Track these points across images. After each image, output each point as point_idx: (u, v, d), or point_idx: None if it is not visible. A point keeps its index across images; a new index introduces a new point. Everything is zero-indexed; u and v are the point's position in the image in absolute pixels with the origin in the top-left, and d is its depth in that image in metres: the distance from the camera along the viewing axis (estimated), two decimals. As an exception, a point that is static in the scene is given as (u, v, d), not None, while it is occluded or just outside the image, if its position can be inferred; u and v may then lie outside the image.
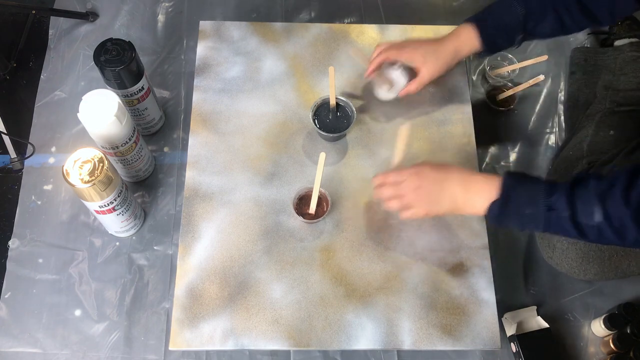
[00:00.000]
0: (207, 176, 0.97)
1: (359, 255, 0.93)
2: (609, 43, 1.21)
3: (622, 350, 0.96)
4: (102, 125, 0.89)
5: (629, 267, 0.96)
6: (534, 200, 0.75)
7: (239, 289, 0.90)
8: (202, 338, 0.87)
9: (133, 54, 0.94)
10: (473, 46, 0.93)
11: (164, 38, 1.25)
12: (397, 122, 1.03)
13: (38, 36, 1.25)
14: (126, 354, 0.97)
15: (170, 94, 1.18)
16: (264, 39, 1.10)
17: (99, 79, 1.02)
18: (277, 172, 0.98)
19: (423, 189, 0.83)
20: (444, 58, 0.94)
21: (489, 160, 1.15)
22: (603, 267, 0.95)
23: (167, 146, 1.13)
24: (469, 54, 0.94)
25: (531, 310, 1.00)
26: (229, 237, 0.93)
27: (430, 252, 0.93)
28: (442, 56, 0.94)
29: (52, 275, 1.02)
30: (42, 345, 0.97)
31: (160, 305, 1.00)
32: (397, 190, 0.84)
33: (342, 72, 1.06)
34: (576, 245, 0.95)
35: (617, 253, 0.95)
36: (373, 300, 0.90)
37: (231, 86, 1.05)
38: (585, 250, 0.94)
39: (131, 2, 1.28)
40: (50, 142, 1.13)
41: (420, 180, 0.83)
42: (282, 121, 1.02)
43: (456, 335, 0.88)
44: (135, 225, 1.03)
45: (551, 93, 1.21)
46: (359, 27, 1.12)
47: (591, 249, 0.94)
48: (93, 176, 0.84)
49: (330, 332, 0.88)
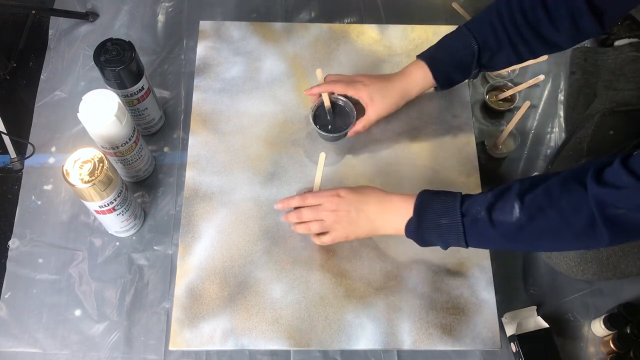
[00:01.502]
0: (207, 176, 0.97)
1: (359, 255, 0.93)
2: (609, 43, 1.21)
3: (622, 350, 0.96)
4: (102, 125, 0.89)
5: (627, 267, 0.96)
6: (449, 209, 0.75)
7: (239, 289, 0.90)
8: (202, 338, 0.87)
9: (133, 54, 0.94)
10: (425, 85, 0.92)
11: (164, 38, 1.25)
12: (397, 122, 1.03)
13: (38, 36, 1.25)
14: (126, 354, 0.97)
15: (170, 94, 1.18)
16: (264, 39, 1.10)
17: (99, 79, 1.02)
18: (277, 172, 0.98)
19: (341, 212, 0.83)
20: (392, 98, 0.92)
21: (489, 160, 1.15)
22: (601, 267, 0.95)
23: (167, 146, 1.13)
24: (421, 93, 0.94)
25: (531, 310, 1.00)
26: (229, 237, 0.93)
27: (430, 252, 0.93)
28: (390, 96, 0.92)
29: (52, 275, 1.02)
30: (42, 345, 0.97)
31: (160, 305, 1.00)
32: (316, 213, 0.84)
33: (341, 72, 1.06)
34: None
35: (615, 253, 0.95)
36: (373, 300, 0.90)
37: (231, 86, 1.05)
38: (583, 250, 0.94)
39: (131, 2, 1.28)
40: (50, 142, 1.13)
41: (338, 203, 0.83)
42: (282, 121, 1.02)
43: (456, 335, 0.88)
44: (135, 225, 1.03)
45: (551, 93, 1.21)
46: (359, 27, 1.12)
47: (589, 248, 0.94)
48: (93, 176, 0.84)
49: (330, 332, 0.88)
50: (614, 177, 0.64)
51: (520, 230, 0.70)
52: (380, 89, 0.92)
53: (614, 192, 0.63)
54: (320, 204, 0.84)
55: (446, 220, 0.75)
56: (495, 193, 0.73)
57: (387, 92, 0.92)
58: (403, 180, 0.98)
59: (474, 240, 0.76)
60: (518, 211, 0.69)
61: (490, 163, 1.13)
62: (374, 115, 0.93)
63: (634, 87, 1.10)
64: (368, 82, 0.94)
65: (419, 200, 0.79)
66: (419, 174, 0.99)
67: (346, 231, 0.84)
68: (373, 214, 0.82)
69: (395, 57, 1.09)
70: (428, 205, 0.77)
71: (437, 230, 0.76)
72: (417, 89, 0.93)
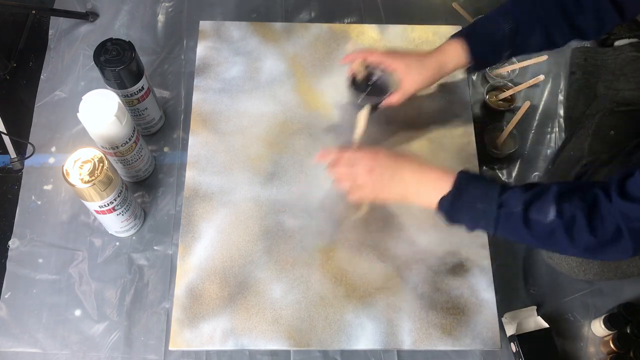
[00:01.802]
0: (207, 176, 0.97)
1: (359, 255, 0.93)
2: (609, 43, 1.21)
3: (622, 350, 0.96)
4: (102, 125, 0.89)
5: (628, 267, 0.96)
6: (487, 196, 0.75)
7: (239, 289, 0.90)
8: (202, 338, 0.87)
9: (133, 54, 0.94)
10: (460, 62, 0.91)
11: (164, 38, 1.25)
12: (397, 122, 1.03)
13: (38, 36, 1.25)
14: (126, 354, 0.97)
15: (170, 94, 1.18)
16: (264, 39, 1.10)
17: (99, 79, 1.02)
18: (277, 172, 0.98)
19: (375, 172, 0.82)
20: (429, 70, 0.91)
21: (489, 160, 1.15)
22: (603, 268, 0.95)
23: (167, 146, 1.13)
24: (455, 70, 0.92)
25: (531, 310, 1.00)
26: (229, 237, 0.93)
27: (430, 252, 0.93)
28: (427, 68, 0.90)
29: (52, 275, 1.02)
30: (42, 345, 0.97)
31: (160, 305, 1.00)
32: (351, 170, 0.84)
33: (342, 71, 1.06)
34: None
35: (617, 253, 0.95)
36: (373, 300, 0.90)
37: (231, 86, 1.05)
38: None
39: (131, 2, 1.28)
40: (50, 142, 1.13)
41: (375, 162, 0.82)
42: (282, 121, 1.02)
43: (456, 335, 0.88)
44: (135, 225, 1.03)
45: (551, 93, 1.21)
46: (359, 27, 1.12)
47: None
48: (93, 176, 0.84)
49: (330, 332, 0.88)
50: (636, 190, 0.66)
51: (552, 233, 0.71)
52: (418, 61, 0.91)
53: (636, 206, 0.65)
54: (356, 162, 0.84)
55: (482, 206, 0.75)
56: (534, 192, 0.73)
57: (423, 65, 0.90)
58: (403, 180, 0.98)
59: (504, 231, 0.76)
60: (553, 214, 0.70)
61: (490, 163, 1.13)
62: (411, 87, 0.91)
63: (634, 87, 1.10)
64: (404, 54, 0.92)
65: (459, 180, 0.78)
66: (419, 174, 0.99)
67: (375, 192, 0.83)
68: (408, 181, 0.81)
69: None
70: (467, 187, 0.77)
71: (471, 212, 0.77)
72: (452, 64, 0.91)
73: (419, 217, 0.95)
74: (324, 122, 1.03)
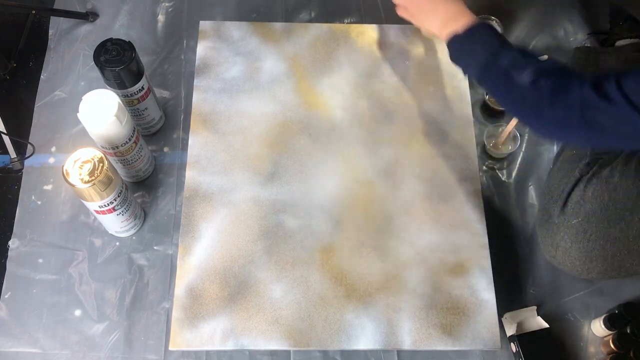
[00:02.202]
0: (207, 176, 0.97)
1: (359, 255, 0.93)
2: (610, 43, 1.21)
3: (622, 350, 0.96)
4: (102, 125, 0.89)
5: (632, 266, 0.96)
6: (488, 43, 0.82)
7: (239, 289, 0.90)
8: (202, 338, 0.87)
9: (133, 54, 0.94)
10: None
11: (164, 38, 1.25)
12: (397, 122, 1.03)
13: (38, 36, 1.25)
14: (126, 354, 0.97)
15: (170, 94, 1.18)
16: (264, 39, 1.10)
17: (99, 79, 1.02)
18: (277, 172, 0.98)
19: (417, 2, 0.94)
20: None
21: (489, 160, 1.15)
22: (606, 266, 0.95)
23: (167, 146, 1.13)
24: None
25: (531, 310, 1.00)
26: (229, 237, 0.93)
27: (430, 252, 0.93)
28: None
29: (52, 275, 1.02)
30: (42, 345, 0.97)
31: (160, 305, 1.00)
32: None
33: (341, 72, 1.06)
34: (579, 244, 0.94)
35: (620, 252, 0.94)
36: (373, 300, 0.90)
37: (231, 86, 1.05)
38: (588, 249, 0.94)
39: (131, 2, 1.28)
40: (50, 142, 1.13)
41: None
42: (282, 121, 1.02)
43: (456, 335, 0.88)
44: (135, 225, 1.03)
45: (551, 93, 1.21)
46: (359, 27, 1.12)
47: (594, 247, 0.94)
48: (93, 176, 0.84)
49: (330, 332, 0.88)
50: (611, 92, 0.70)
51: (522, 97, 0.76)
52: None
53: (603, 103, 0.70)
54: None
55: (480, 49, 0.82)
56: (529, 59, 0.78)
57: None
58: (403, 180, 0.98)
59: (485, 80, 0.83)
60: (528, 81, 0.75)
61: (490, 163, 1.13)
62: None
63: (635, 86, 1.10)
64: None
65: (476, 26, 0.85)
66: (418, 174, 0.99)
67: (415, 16, 0.96)
68: (440, 14, 0.90)
69: (396, 58, 1.09)
70: (479, 30, 0.85)
71: (469, 51, 0.84)
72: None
73: (419, 217, 0.95)
74: (324, 122, 1.03)
